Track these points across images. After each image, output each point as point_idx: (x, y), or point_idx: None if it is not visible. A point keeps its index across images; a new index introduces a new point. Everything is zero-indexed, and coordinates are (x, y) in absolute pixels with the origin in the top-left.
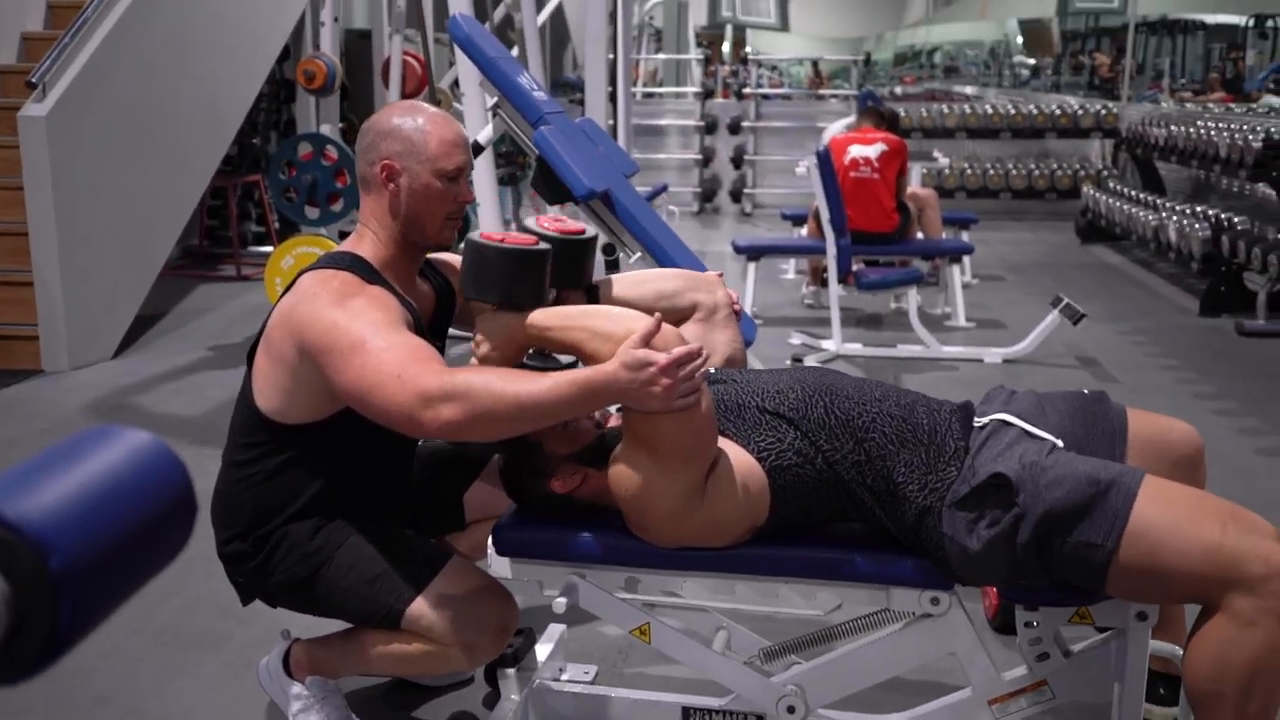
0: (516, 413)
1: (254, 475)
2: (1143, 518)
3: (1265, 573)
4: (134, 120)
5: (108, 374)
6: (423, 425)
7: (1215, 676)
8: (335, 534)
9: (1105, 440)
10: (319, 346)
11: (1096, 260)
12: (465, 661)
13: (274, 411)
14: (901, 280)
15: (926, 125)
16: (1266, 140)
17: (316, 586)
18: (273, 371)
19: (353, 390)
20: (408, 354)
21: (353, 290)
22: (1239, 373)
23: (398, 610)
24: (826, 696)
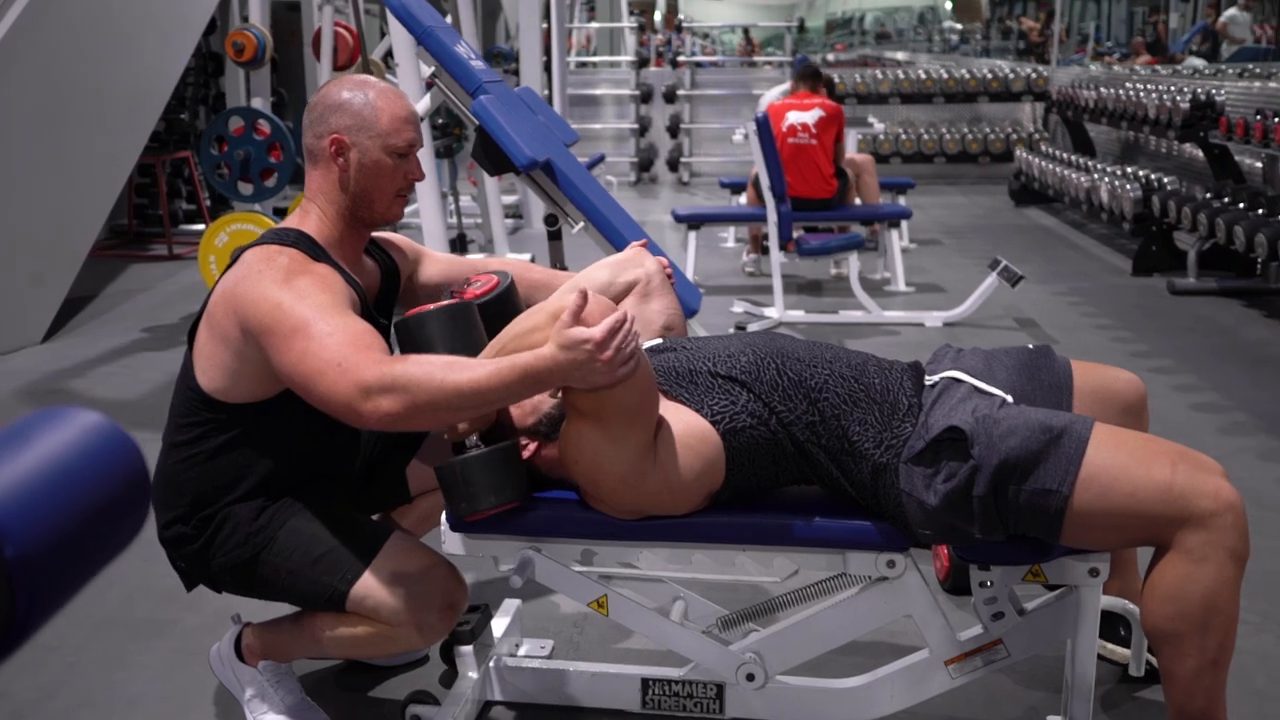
0: (457, 402)
1: (196, 455)
2: (1095, 461)
3: (1214, 508)
4: (56, 97)
5: (38, 358)
6: (362, 417)
7: (1174, 615)
8: (278, 514)
9: (1052, 393)
10: (262, 326)
11: (1030, 222)
12: (417, 640)
13: (216, 390)
14: (843, 245)
15: (861, 91)
16: (1194, 101)
17: (259, 569)
18: (215, 350)
19: (293, 375)
20: (350, 340)
21: (298, 269)
22: (1172, 330)
23: (341, 591)
24: (785, 663)
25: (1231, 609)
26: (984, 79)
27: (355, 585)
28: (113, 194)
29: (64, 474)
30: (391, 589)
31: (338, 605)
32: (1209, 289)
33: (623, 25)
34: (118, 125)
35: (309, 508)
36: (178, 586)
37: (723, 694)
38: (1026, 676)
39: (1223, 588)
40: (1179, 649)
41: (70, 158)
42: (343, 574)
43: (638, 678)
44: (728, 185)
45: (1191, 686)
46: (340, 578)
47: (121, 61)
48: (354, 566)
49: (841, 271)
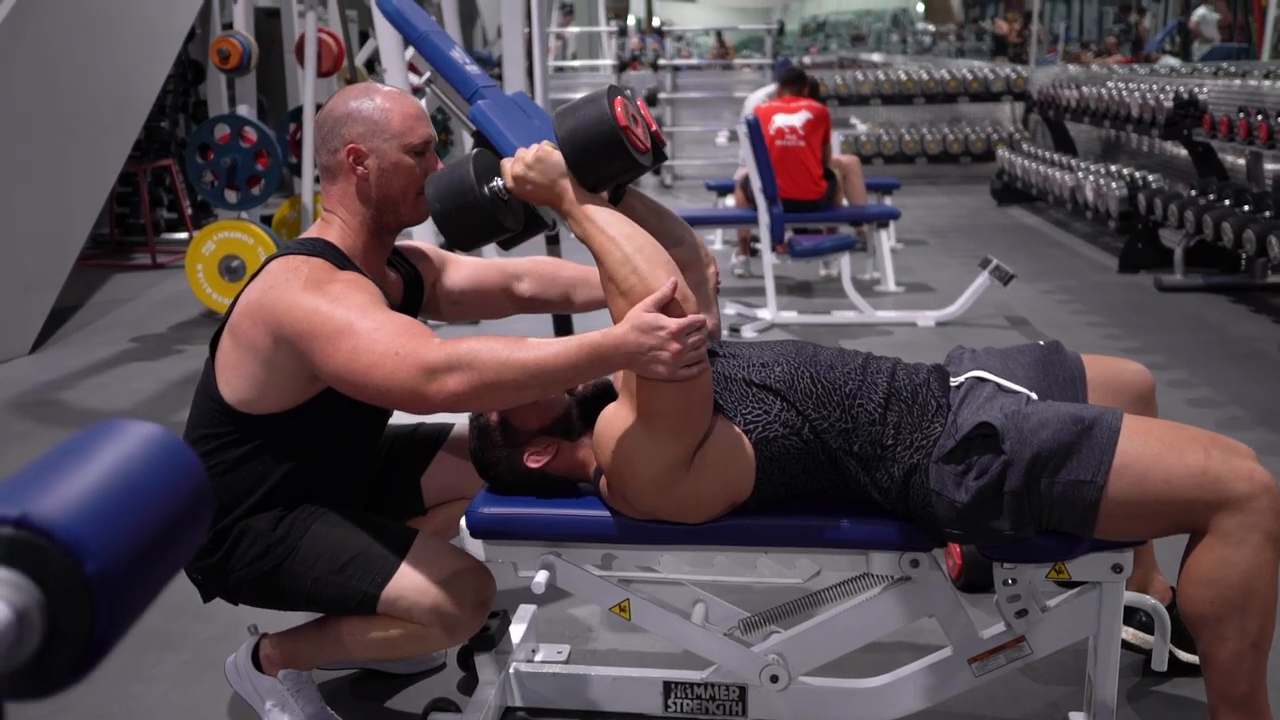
0: (525, 379)
1: (215, 466)
2: (1128, 450)
3: (1250, 490)
4: (39, 105)
5: (26, 369)
6: (428, 399)
7: (1213, 599)
8: (298, 523)
9: (1067, 387)
10: (300, 333)
11: (1014, 221)
12: (446, 639)
13: (240, 402)
14: (835, 246)
15: (842, 93)
16: (1177, 100)
17: (281, 580)
18: (241, 361)
19: (346, 374)
20: (400, 330)
21: (326, 275)
22: (1162, 327)
23: (372, 595)
24: (809, 664)
25: (1270, 591)
26: (964, 80)
27: (386, 588)
28: (98, 202)
29: (133, 488)
30: (423, 589)
31: (368, 609)
32: (1196, 285)
33: (601, 29)
34: (101, 133)
35: (330, 513)
36: (188, 598)
37: (745, 696)
38: (1049, 673)
39: (1261, 569)
40: (1219, 633)
41: (55, 167)
42: (373, 577)
43: (659, 681)
44: (714, 188)
45: (1232, 670)
46: (370, 581)
47: (105, 69)
48: (384, 569)
49: (831, 272)
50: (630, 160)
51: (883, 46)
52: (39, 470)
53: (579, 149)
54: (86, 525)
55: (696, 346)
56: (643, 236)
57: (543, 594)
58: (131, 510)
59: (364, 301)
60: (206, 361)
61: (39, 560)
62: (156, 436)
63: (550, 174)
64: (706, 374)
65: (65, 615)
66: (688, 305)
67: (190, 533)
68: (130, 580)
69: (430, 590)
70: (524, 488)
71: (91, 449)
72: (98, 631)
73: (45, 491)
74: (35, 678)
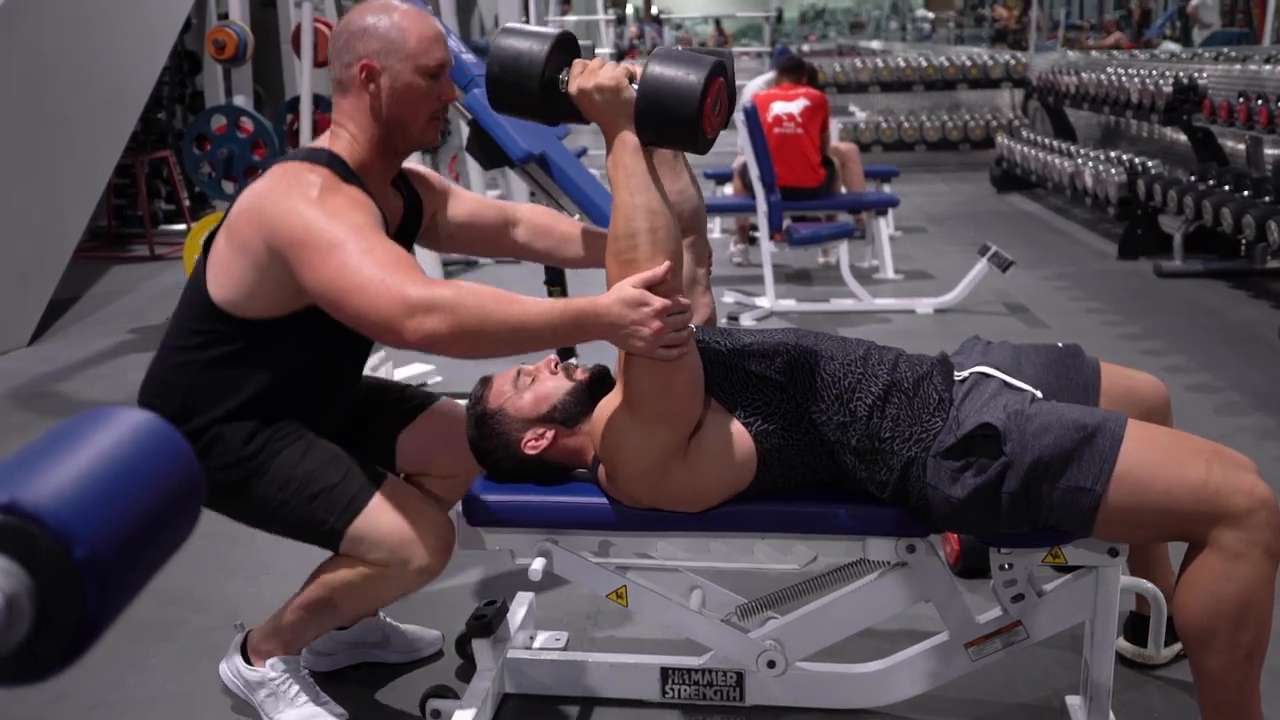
0: (503, 334)
1: (193, 363)
2: (1129, 459)
3: (1250, 505)
4: (35, 98)
5: (25, 361)
6: (402, 334)
7: (1209, 612)
8: (272, 443)
9: (1079, 392)
10: (292, 241)
11: (1013, 208)
12: (412, 579)
13: (228, 302)
14: (833, 234)
15: (840, 80)
16: (1177, 85)
17: (248, 495)
18: (233, 261)
19: (328, 290)
20: (390, 260)
21: (330, 187)
22: (1161, 313)
23: (338, 530)
24: (806, 649)
25: (1266, 605)
26: (963, 66)
27: (352, 526)
28: (95, 194)
29: (124, 474)
30: (386, 531)
31: (331, 542)
32: (1195, 271)
33: (599, 18)
34: (99, 126)
35: (305, 439)
36: (183, 588)
37: (743, 682)
38: (1045, 657)
39: (1258, 583)
40: (1213, 645)
41: (51, 159)
42: (340, 513)
43: (657, 667)
44: (712, 176)
45: (1225, 681)
46: (338, 516)
47: (101, 61)
48: (352, 506)
49: (829, 260)
50: (692, 144)
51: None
52: (28, 456)
53: (652, 109)
54: (76, 511)
55: (677, 328)
56: (664, 217)
57: (540, 581)
58: (121, 496)
59: (361, 223)
60: (199, 258)
61: (28, 546)
62: (147, 423)
63: (612, 109)
64: (693, 362)
65: (55, 601)
66: (677, 290)
67: (181, 519)
68: (120, 566)
69: (393, 532)
70: (522, 475)
71: (81, 435)
72: (88, 617)
73: (34, 477)
74: (25, 663)
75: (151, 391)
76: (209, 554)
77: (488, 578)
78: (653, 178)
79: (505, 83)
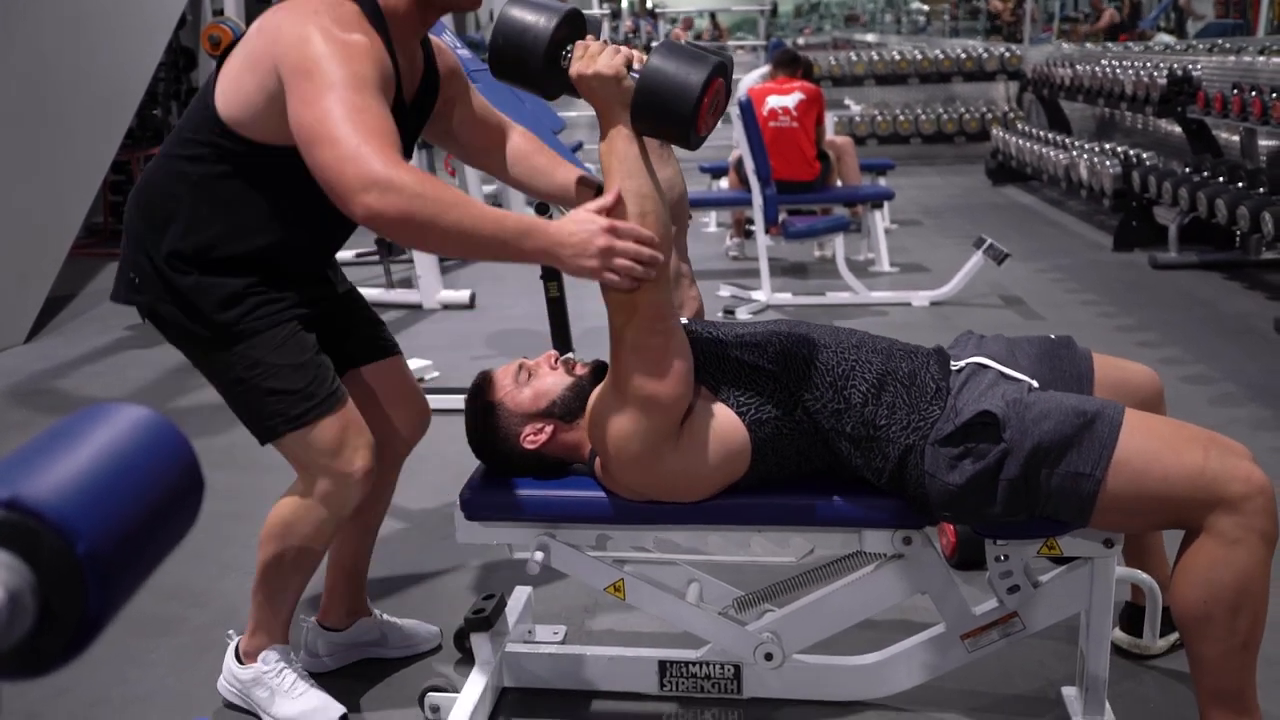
0: (452, 235)
1: (188, 174)
2: (1128, 446)
3: (1247, 491)
4: (31, 96)
5: (22, 359)
6: (349, 203)
7: (1206, 599)
8: (250, 319)
9: (1073, 383)
10: (295, 68)
11: (1009, 201)
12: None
13: (232, 119)
14: (829, 228)
15: (835, 73)
16: (1171, 77)
17: (210, 355)
18: (241, 75)
19: (303, 130)
20: (376, 127)
21: (354, 25)
22: (1156, 304)
23: (279, 433)
24: (803, 641)
25: (1262, 591)
26: (958, 59)
27: (293, 434)
28: (91, 191)
29: (124, 470)
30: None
31: (265, 438)
32: (1190, 263)
33: (594, 12)
34: (95, 123)
35: (284, 327)
36: (183, 584)
37: (740, 674)
38: (1041, 649)
39: (1254, 570)
40: (1210, 632)
41: (47, 156)
42: (290, 419)
43: (654, 660)
44: (708, 170)
45: (1222, 668)
46: (285, 421)
47: (96, 58)
48: (303, 418)
49: (825, 253)
50: (684, 140)
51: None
52: (29, 453)
53: (650, 101)
54: (77, 506)
55: (628, 254)
56: (654, 202)
57: (538, 575)
58: (122, 491)
59: (367, 77)
60: (214, 70)
61: (30, 541)
62: (146, 419)
63: (609, 96)
64: (681, 345)
65: (57, 596)
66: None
67: (181, 514)
68: (122, 561)
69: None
70: (520, 469)
71: (82, 432)
72: (90, 612)
73: (36, 473)
74: (28, 658)
75: (145, 198)
76: (207, 550)
77: (485, 572)
78: (644, 163)
79: (508, 54)
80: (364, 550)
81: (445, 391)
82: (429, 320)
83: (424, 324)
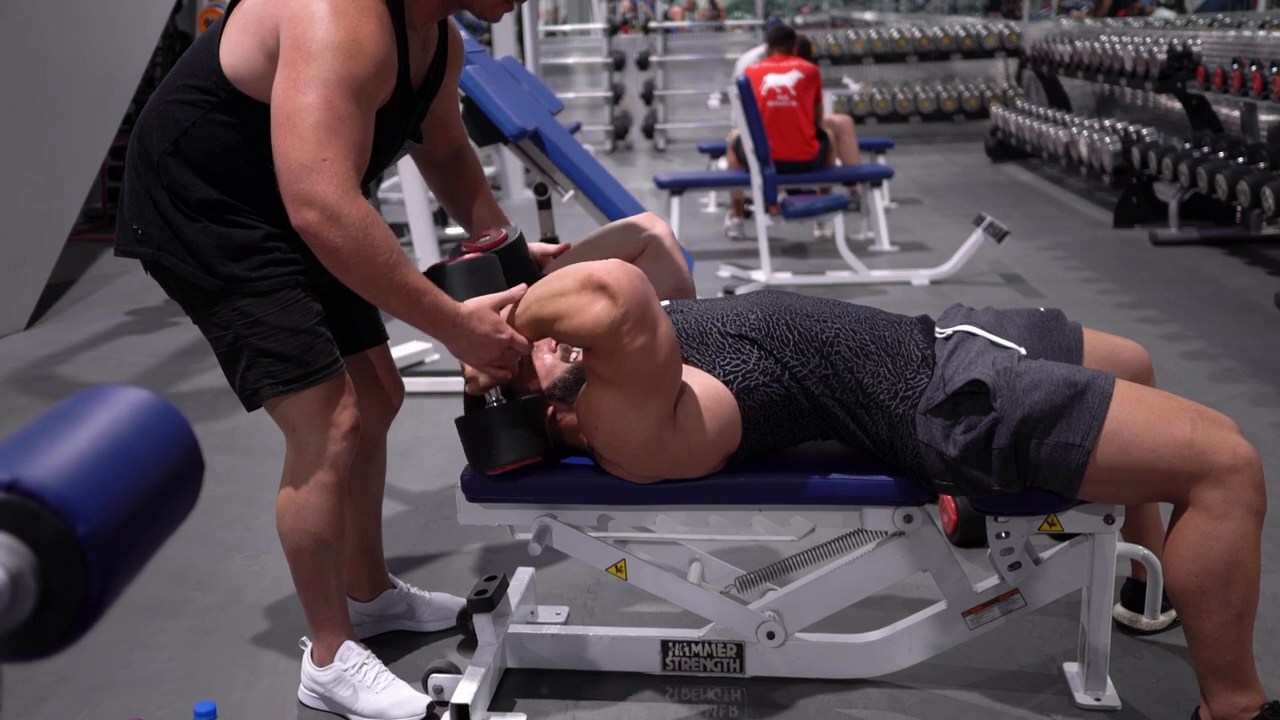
0: (372, 286)
1: (180, 119)
2: (1118, 417)
3: (1233, 463)
4: (27, 83)
5: (23, 345)
6: (291, 208)
7: (1197, 573)
8: (257, 277)
9: (1062, 355)
10: (294, 41)
11: (1009, 179)
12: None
13: (231, 72)
14: (828, 207)
15: (834, 52)
16: (1171, 52)
17: (212, 309)
18: (245, 32)
19: (279, 109)
20: (348, 143)
21: (370, 10)
22: (1157, 281)
23: (265, 396)
24: (805, 620)
25: (1253, 562)
26: (957, 37)
27: (283, 399)
28: (89, 177)
29: (124, 452)
30: (305, 413)
31: (249, 402)
32: (1191, 239)
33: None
34: (90, 108)
35: (292, 290)
36: (188, 567)
37: (743, 653)
38: (1043, 625)
39: (1244, 542)
40: (1204, 606)
41: (45, 143)
42: (281, 382)
43: (657, 640)
44: (706, 150)
45: (1218, 641)
46: (273, 383)
47: (92, 43)
48: (291, 385)
49: (825, 233)
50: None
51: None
52: (29, 435)
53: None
54: (77, 488)
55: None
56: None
57: (540, 556)
58: (122, 473)
59: (362, 81)
60: (222, 18)
61: (31, 523)
62: (146, 401)
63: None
64: (667, 328)
65: (58, 577)
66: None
67: (182, 496)
68: (122, 542)
69: (313, 413)
70: None
71: (81, 414)
72: (91, 593)
73: (36, 456)
74: (31, 639)
75: (138, 141)
76: (210, 533)
77: (488, 553)
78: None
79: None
80: (369, 526)
81: (444, 374)
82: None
83: None
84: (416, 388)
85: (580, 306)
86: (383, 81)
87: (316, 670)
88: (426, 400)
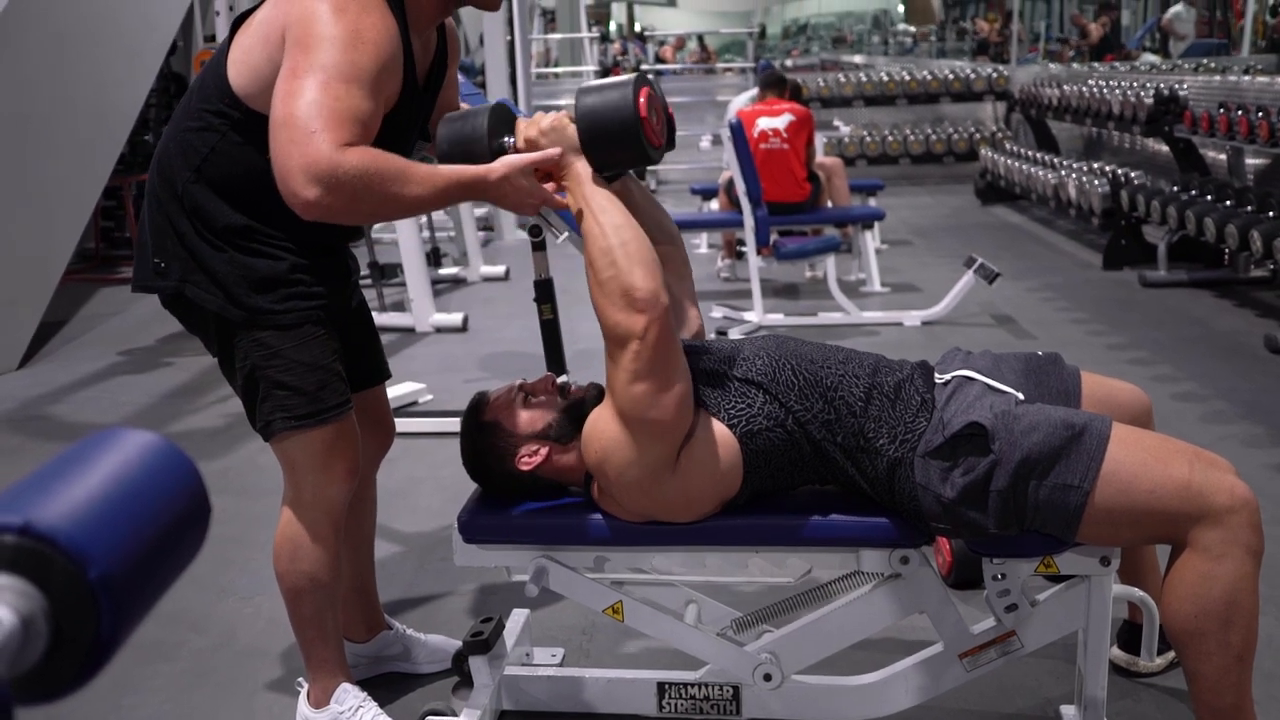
0: (394, 209)
1: (204, 142)
2: (1116, 458)
3: (1231, 504)
4: (22, 122)
5: (16, 385)
6: (286, 189)
7: (1196, 614)
8: (281, 310)
9: (1059, 399)
10: (295, 38)
11: (998, 220)
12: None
13: (242, 90)
14: (820, 248)
15: (824, 95)
16: (1158, 96)
17: (233, 339)
18: (253, 46)
19: (277, 98)
20: (344, 113)
21: (372, 7)
22: (1146, 323)
23: (275, 430)
24: (801, 662)
25: (1251, 604)
26: (945, 80)
27: (291, 435)
28: (83, 217)
29: (134, 495)
30: (310, 455)
31: (266, 432)
32: (1180, 281)
33: (583, 36)
34: (85, 148)
35: (312, 327)
36: (180, 609)
37: (739, 695)
38: (1039, 668)
39: (1242, 583)
40: (1203, 648)
41: (39, 182)
42: (293, 417)
43: (653, 682)
44: (699, 192)
45: (1218, 683)
46: (285, 417)
47: (87, 84)
48: (303, 421)
49: (817, 274)
50: (642, 152)
51: (864, 48)
52: (40, 479)
53: (595, 131)
54: (89, 531)
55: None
56: (631, 230)
57: (536, 597)
58: (132, 516)
59: (363, 69)
60: (223, 41)
61: (43, 567)
62: (154, 444)
63: (561, 144)
64: (683, 373)
65: (70, 620)
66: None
67: (189, 538)
68: (133, 585)
69: (316, 454)
70: (515, 491)
71: (91, 457)
72: (102, 636)
73: (47, 499)
74: (42, 682)
75: (157, 172)
76: (204, 574)
77: (483, 594)
78: (614, 202)
79: (456, 159)
80: (362, 565)
81: (439, 415)
82: (422, 343)
83: (417, 347)
84: (411, 428)
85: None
86: (387, 74)
87: (313, 712)
88: (421, 440)
